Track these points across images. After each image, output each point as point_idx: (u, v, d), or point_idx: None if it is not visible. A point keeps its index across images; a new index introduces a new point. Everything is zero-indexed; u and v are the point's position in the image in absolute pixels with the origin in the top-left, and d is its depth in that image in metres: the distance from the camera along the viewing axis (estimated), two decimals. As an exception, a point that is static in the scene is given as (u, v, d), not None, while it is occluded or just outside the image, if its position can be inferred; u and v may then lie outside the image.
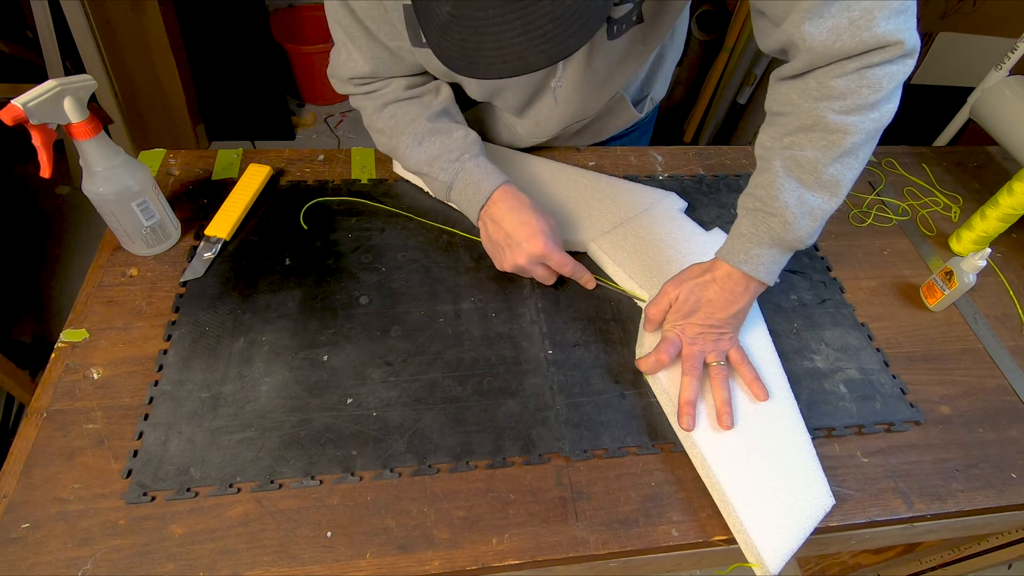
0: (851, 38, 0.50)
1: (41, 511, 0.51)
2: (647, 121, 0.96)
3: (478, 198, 0.68)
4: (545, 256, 0.66)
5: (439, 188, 0.71)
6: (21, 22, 1.79)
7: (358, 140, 2.35)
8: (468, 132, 0.71)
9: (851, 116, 0.53)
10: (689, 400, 0.59)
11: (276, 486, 0.54)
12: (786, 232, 0.57)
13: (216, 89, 2.09)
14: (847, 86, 0.52)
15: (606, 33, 0.64)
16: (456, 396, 0.61)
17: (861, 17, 0.50)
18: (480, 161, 0.70)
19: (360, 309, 0.68)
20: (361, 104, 0.74)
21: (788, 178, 0.56)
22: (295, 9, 2.31)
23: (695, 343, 0.62)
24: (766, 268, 0.59)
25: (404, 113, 0.71)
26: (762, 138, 0.60)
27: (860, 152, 0.55)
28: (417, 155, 0.70)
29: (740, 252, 0.60)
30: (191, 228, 0.74)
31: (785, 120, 0.57)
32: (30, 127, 0.57)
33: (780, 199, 0.56)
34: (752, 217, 0.59)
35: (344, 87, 0.73)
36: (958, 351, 0.72)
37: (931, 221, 0.89)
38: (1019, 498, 0.61)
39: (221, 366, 0.61)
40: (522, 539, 0.53)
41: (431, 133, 0.70)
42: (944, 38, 1.90)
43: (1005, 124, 1.01)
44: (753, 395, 0.62)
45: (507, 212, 0.66)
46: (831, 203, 0.57)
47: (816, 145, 0.55)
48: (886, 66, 0.52)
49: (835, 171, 0.55)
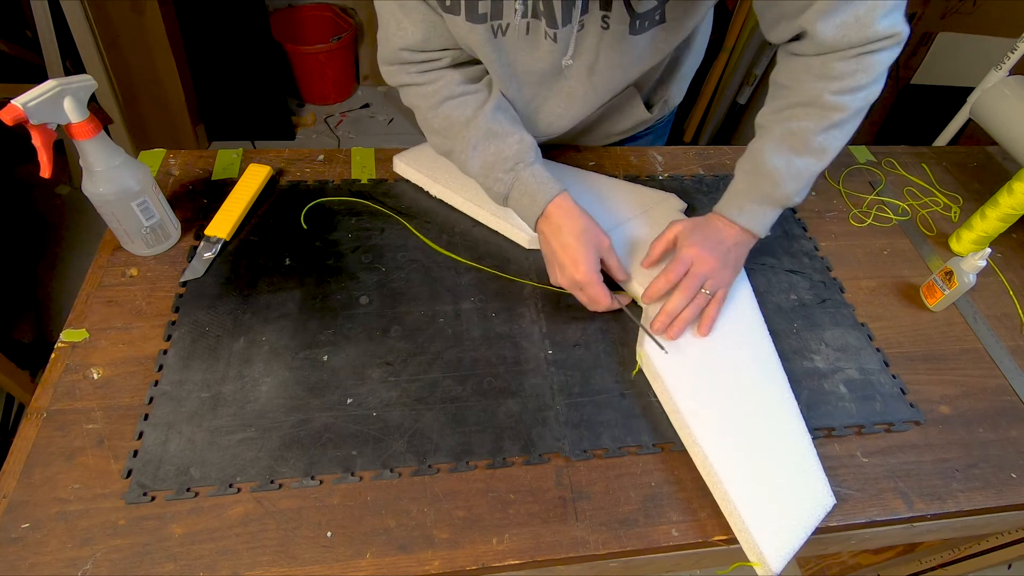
0: (857, 33, 0.57)
1: (41, 511, 0.51)
2: (661, 126, 0.95)
3: (534, 209, 0.67)
4: (582, 284, 0.64)
5: (496, 197, 0.71)
6: (21, 22, 1.79)
7: (358, 140, 2.35)
8: (523, 137, 0.70)
9: (845, 96, 0.61)
10: (672, 310, 0.64)
11: (276, 486, 0.54)
12: (775, 190, 0.65)
13: (216, 89, 2.09)
14: (846, 69, 0.60)
15: (628, 26, 0.64)
16: (456, 396, 0.61)
17: (866, 14, 0.57)
18: (535, 170, 0.68)
19: (360, 309, 0.68)
20: (415, 103, 0.72)
21: (781, 144, 0.64)
22: (295, 9, 2.31)
23: (707, 263, 0.66)
24: (758, 221, 0.67)
25: (459, 113, 0.70)
26: (764, 109, 0.67)
27: (847, 125, 0.64)
28: (473, 162, 0.69)
29: (734, 207, 0.68)
30: (191, 228, 0.74)
31: (787, 94, 0.65)
32: (30, 127, 0.57)
33: (771, 162, 0.64)
34: (746, 177, 0.67)
35: (395, 71, 0.70)
36: (958, 351, 0.72)
37: (931, 221, 0.89)
38: (1019, 498, 0.61)
39: (221, 366, 0.61)
40: (522, 539, 0.53)
41: (486, 137, 0.69)
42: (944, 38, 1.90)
43: (1005, 124, 1.01)
44: (699, 328, 0.67)
45: (556, 231, 0.66)
46: (818, 165, 0.65)
47: (810, 118, 0.63)
48: (881, 53, 0.60)
49: (823, 140, 0.63)
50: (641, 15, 0.63)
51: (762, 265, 0.78)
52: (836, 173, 0.93)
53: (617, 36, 0.65)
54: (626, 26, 0.64)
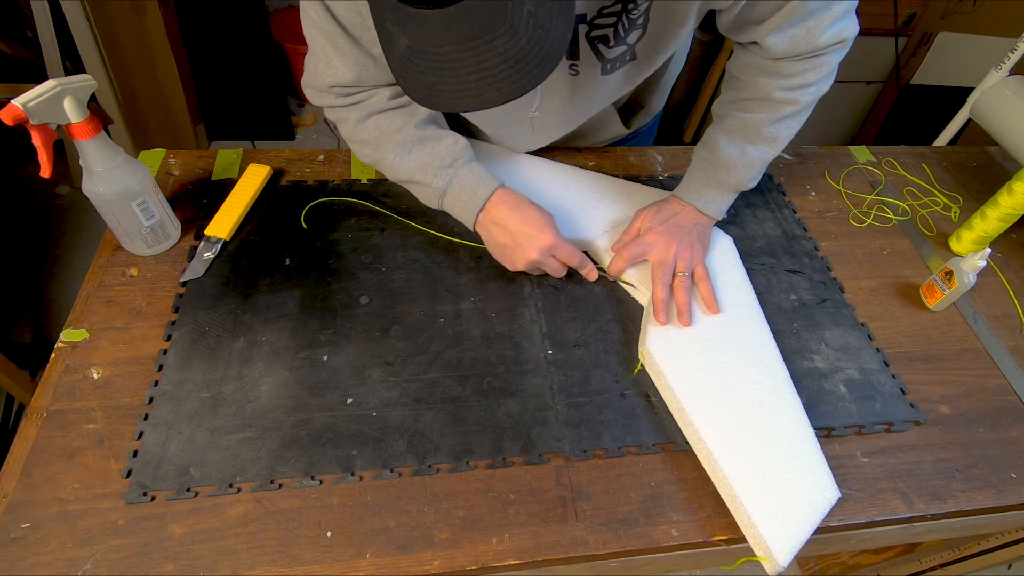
0: (807, 44, 0.61)
1: (41, 511, 0.51)
2: (645, 132, 0.95)
3: (474, 203, 0.67)
4: (555, 247, 0.66)
5: (431, 195, 0.69)
6: (21, 22, 1.79)
7: (358, 140, 2.35)
8: (458, 138, 0.70)
9: (794, 92, 0.65)
10: (662, 299, 0.67)
11: (276, 486, 0.54)
12: (729, 177, 0.70)
13: (216, 89, 2.09)
14: (796, 69, 0.64)
15: (599, 70, 0.65)
16: (456, 396, 0.61)
17: (815, 26, 0.60)
18: (473, 166, 0.69)
19: (360, 309, 0.68)
20: (341, 116, 0.69)
21: (734, 134, 0.69)
22: (295, 9, 2.30)
23: (669, 247, 0.68)
24: (715, 206, 0.72)
25: (389, 123, 0.68)
26: (720, 99, 0.72)
27: (799, 116, 0.68)
28: (406, 163, 0.68)
29: (693, 192, 0.72)
30: (191, 228, 0.74)
31: (740, 86, 0.68)
32: (30, 127, 0.57)
33: (725, 152, 0.69)
34: (703, 165, 0.72)
35: (322, 98, 0.68)
36: (958, 351, 0.72)
37: (931, 221, 0.89)
38: (1019, 498, 0.61)
39: (221, 366, 0.61)
40: (522, 539, 0.53)
41: (420, 141, 0.68)
42: (944, 38, 1.90)
43: (1005, 124, 1.01)
44: (707, 308, 0.69)
45: (509, 212, 0.66)
46: (770, 153, 0.70)
47: (762, 110, 0.67)
48: (830, 55, 0.63)
49: (774, 130, 0.68)
50: (611, 59, 0.64)
51: (762, 265, 0.78)
52: (836, 173, 0.93)
53: (588, 79, 0.66)
54: (597, 70, 0.65)
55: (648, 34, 0.62)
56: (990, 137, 1.05)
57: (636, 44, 0.63)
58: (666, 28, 0.62)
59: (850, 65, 0.66)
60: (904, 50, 1.97)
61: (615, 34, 0.61)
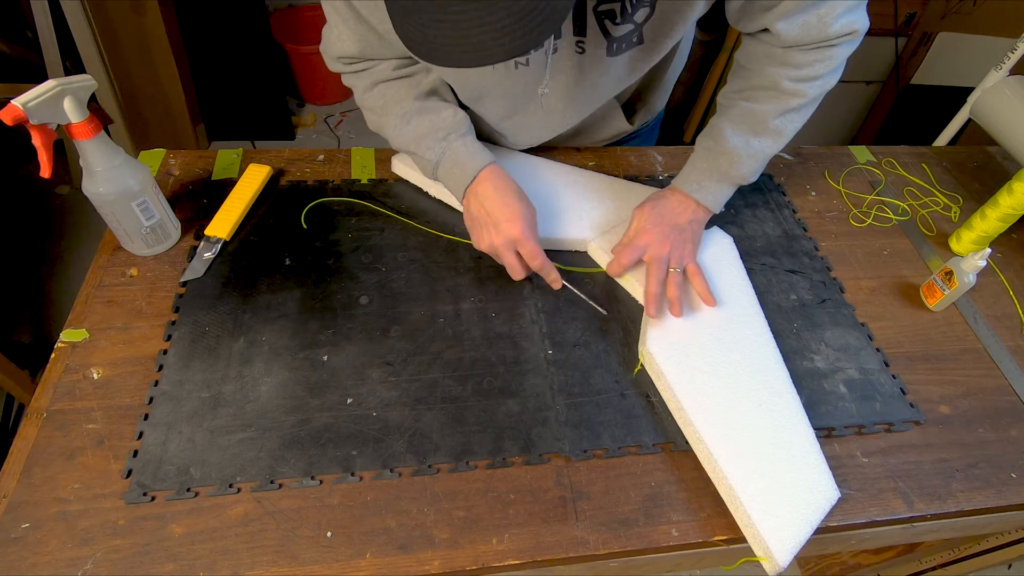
0: (818, 32, 0.60)
1: (41, 511, 0.51)
2: (647, 131, 0.95)
3: (464, 177, 0.68)
4: (519, 241, 0.65)
5: (426, 167, 0.71)
6: (21, 22, 1.79)
7: (358, 140, 2.35)
8: (456, 111, 0.71)
9: (803, 83, 0.64)
10: (655, 293, 0.67)
11: (276, 486, 0.54)
12: (732, 168, 0.69)
13: (216, 89, 2.09)
14: (805, 59, 0.63)
15: (605, 50, 0.64)
16: (456, 396, 0.61)
17: (827, 14, 0.59)
18: (467, 140, 0.70)
19: (360, 309, 0.68)
20: (352, 82, 0.74)
21: (740, 124, 0.68)
22: (295, 9, 2.31)
23: (663, 245, 0.69)
24: (714, 198, 0.71)
25: (394, 92, 0.71)
26: (726, 88, 0.72)
27: (804, 110, 0.67)
28: (405, 133, 0.70)
29: (693, 183, 0.71)
30: (191, 228, 0.74)
31: (747, 75, 0.68)
32: (30, 127, 0.57)
33: (731, 142, 0.68)
34: (706, 154, 0.70)
35: (333, 65, 0.73)
36: (958, 351, 0.72)
37: (931, 221, 0.89)
38: (1019, 498, 0.61)
39: (221, 366, 0.61)
40: (522, 539, 0.53)
41: (419, 112, 0.70)
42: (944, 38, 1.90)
43: (1005, 124, 1.01)
44: (704, 302, 0.69)
45: (492, 192, 0.67)
46: (774, 147, 0.69)
47: (769, 101, 0.66)
48: (840, 47, 0.63)
49: (780, 123, 0.67)
50: (618, 38, 0.63)
51: (762, 265, 0.78)
52: (836, 173, 0.93)
53: (594, 59, 0.66)
54: (603, 50, 0.64)
55: (656, 14, 0.62)
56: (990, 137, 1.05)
57: (644, 24, 0.63)
58: (675, 8, 0.62)
59: (850, 65, 0.65)
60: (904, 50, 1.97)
61: (622, 10, 0.60)
